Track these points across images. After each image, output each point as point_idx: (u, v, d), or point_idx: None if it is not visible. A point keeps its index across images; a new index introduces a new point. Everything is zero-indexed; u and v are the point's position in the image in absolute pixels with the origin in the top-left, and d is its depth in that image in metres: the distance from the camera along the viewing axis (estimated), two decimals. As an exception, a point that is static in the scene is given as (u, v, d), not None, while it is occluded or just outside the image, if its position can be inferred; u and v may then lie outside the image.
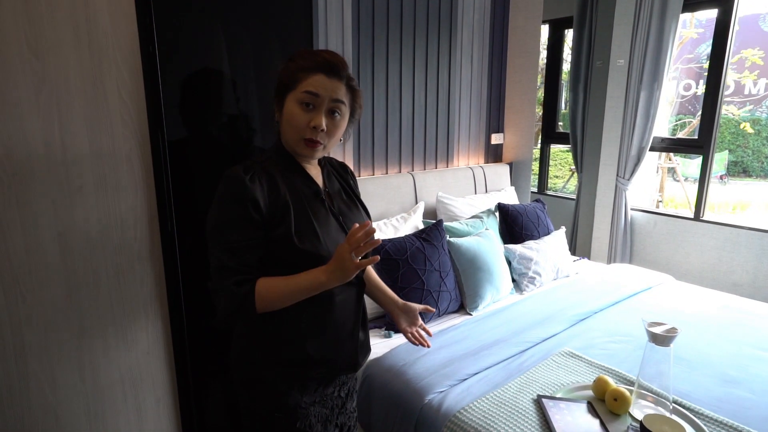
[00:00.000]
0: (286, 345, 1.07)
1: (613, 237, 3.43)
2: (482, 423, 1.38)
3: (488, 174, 3.07)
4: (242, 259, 0.97)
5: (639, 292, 2.31)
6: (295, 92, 1.00)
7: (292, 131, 1.01)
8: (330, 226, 1.07)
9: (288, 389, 1.08)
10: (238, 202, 0.97)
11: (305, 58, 1.01)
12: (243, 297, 0.97)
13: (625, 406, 1.40)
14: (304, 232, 1.02)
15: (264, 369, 1.08)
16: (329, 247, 1.04)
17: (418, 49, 2.70)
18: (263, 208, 0.98)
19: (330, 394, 1.16)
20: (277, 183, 1.02)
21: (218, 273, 0.98)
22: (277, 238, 1.00)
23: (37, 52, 1.16)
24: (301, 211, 1.03)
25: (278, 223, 1.00)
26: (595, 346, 1.81)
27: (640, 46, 3.10)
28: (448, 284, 2.05)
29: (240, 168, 0.99)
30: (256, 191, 0.98)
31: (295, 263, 1.01)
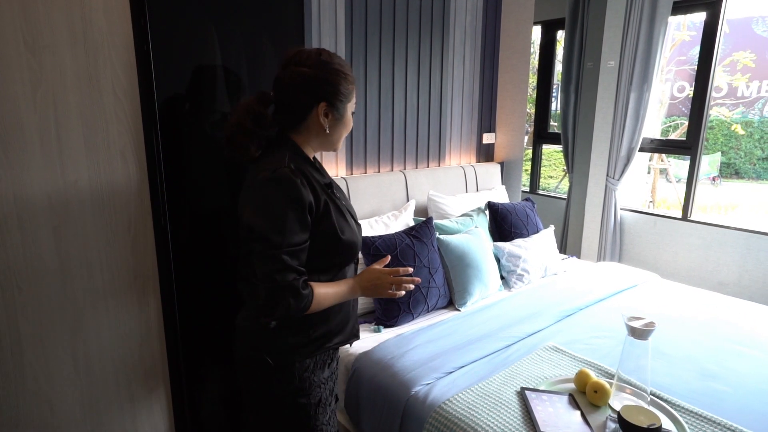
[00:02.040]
0: (317, 325, 1.16)
1: (602, 236, 3.48)
2: (466, 414, 1.42)
3: (479, 173, 3.11)
4: (301, 260, 1.06)
5: (624, 290, 2.36)
6: (350, 104, 1.15)
7: (345, 135, 1.18)
8: (348, 216, 1.19)
9: (314, 367, 1.18)
10: (298, 207, 1.03)
11: (345, 69, 1.12)
12: (308, 298, 1.06)
13: (605, 398, 1.45)
14: (342, 224, 1.13)
15: (294, 352, 1.15)
16: (357, 234, 1.20)
17: (411, 49, 2.74)
18: (314, 209, 1.07)
19: (334, 371, 1.28)
20: (312, 182, 1.09)
21: (284, 273, 1.02)
22: (326, 233, 1.10)
23: (33, 49, 1.19)
24: (333, 205, 1.13)
25: (323, 219, 1.09)
26: (579, 341, 1.86)
27: (630, 48, 3.15)
28: (437, 280, 2.09)
29: (290, 170, 1.04)
30: (309, 194, 1.05)
31: (335, 253, 1.14)
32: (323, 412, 1.22)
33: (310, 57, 1.09)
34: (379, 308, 2.01)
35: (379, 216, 2.51)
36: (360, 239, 1.23)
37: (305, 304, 1.06)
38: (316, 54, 1.10)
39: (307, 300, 1.06)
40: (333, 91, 1.09)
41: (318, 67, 1.09)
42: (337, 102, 1.11)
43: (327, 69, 1.09)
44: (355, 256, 1.24)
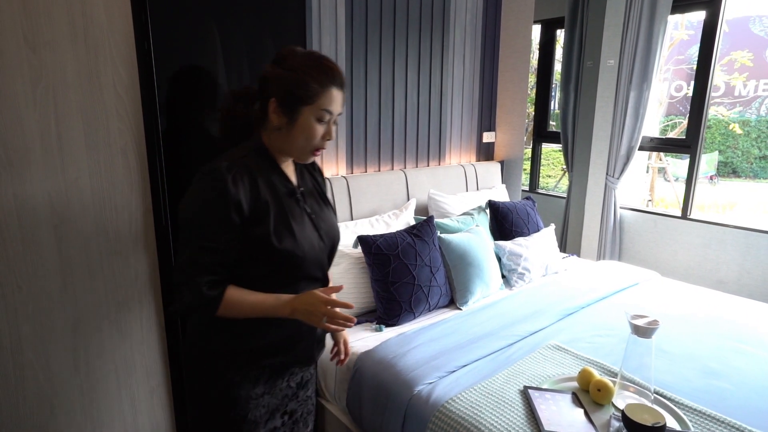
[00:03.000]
0: (247, 335, 1.07)
1: (602, 235, 3.48)
2: (469, 413, 1.42)
3: (480, 172, 3.11)
4: (218, 259, 0.99)
5: (625, 288, 2.36)
6: (313, 108, 1.02)
7: (305, 142, 1.05)
8: (305, 225, 1.09)
9: (241, 380, 1.09)
10: (220, 203, 0.97)
11: (319, 71, 1.02)
12: (210, 300, 0.99)
13: (608, 397, 1.44)
14: (282, 232, 1.03)
15: (220, 359, 1.08)
16: (304, 246, 1.07)
17: (411, 48, 2.73)
18: (245, 210, 0.99)
19: (280, 386, 1.17)
20: (257, 182, 1.03)
21: (190, 268, 0.98)
22: (256, 238, 1.01)
23: (34, 46, 1.18)
24: (279, 210, 1.05)
25: (258, 222, 1.01)
26: (581, 339, 1.86)
27: (629, 47, 3.15)
28: (438, 279, 2.09)
29: (223, 166, 0.99)
30: (240, 192, 0.98)
31: (272, 262, 1.04)
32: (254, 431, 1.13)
33: (283, 54, 1.05)
34: (381, 307, 2.00)
35: (379, 215, 2.50)
36: (316, 255, 1.11)
37: (206, 305, 0.99)
38: (291, 52, 1.04)
39: (210, 302, 0.99)
40: (286, 88, 1.01)
41: (282, 63, 1.03)
42: (290, 101, 1.01)
43: (288, 66, 1.02)
44: (307, 272, 1.11)
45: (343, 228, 2.32)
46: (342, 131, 2.53)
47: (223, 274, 1.01)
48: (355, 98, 2.55)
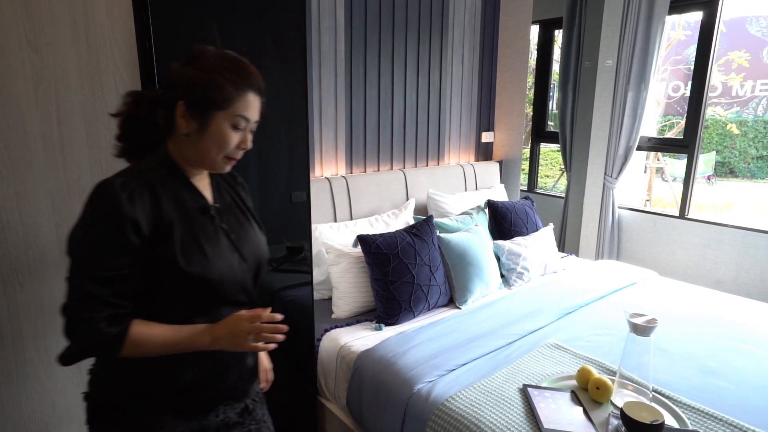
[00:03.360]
0: (160, 373, 0.93)
1: (600, 234, 3.49)
2: (469, 411, 1.42)
3: (478, 171, 3.12)
4: (114, 290, 0.85)
5: (624, 288, 2.37)
6: (227, 113, 0.90)
7: (217, 151, 0.93)
8: (220, 244, 0.96)
9: (160, 420, 0.95)
10: (114, 224, 0.83)
11: (235, 72, 0.91)
12: (111, 339, 0.85)
13: (607, 395, 1.45)
14: (191, 253, 0.90)
15: (129, 399, 0.94)
16: (220, 268, 0.94)
17: (410, 48, 2.74)
18: (144, 229, 0.86)
19: (213, 420, 1.01)
20: (159, 197, 0.90)
21: (82, 302, 0.84)
22: (160, 260, 0.88)
23: (36, 46, 1.18)
24: (187, 228, 0.92)
25: (160, 242, 0.88)
26: (580, 338, 1.87)
27: (627, 47, 3.16)
28: (437, 278, 2.10)
29: (117, 181, 0.85)
30: (137, 210, 0.85)
31: (180, 287, 0.91)
32: None
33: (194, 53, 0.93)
34: (380, 306, 2.01)
35: (379, 215, 2.51)
36: (236, 277, 0.97)
37: (106, 345, 0.85)
38: (203, 51, 0.93)
39: (111, 341, 0.85)
40: (197, 90, 0.90)
41: (193, 62, 0.92)
42: (201, 104, 0.90)
43: (200, 65, 0.91)
44: (227, 296, 0.97)
45: (343, 228, 2.33)
46: (341, 131, 2.54)
47: (125, 307, 0.87)
48: (354, 98, 2.56)
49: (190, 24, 1.44)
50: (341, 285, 2.09)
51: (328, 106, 2.45)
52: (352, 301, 2.09)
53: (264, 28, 1.61)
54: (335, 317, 2.10)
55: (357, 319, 2.06)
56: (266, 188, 1.70)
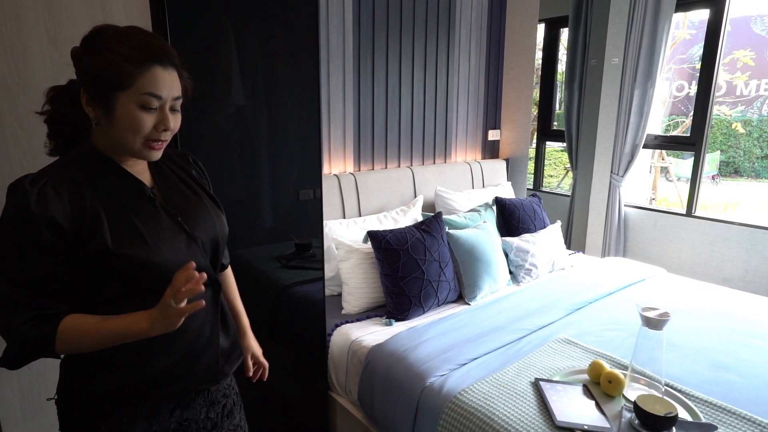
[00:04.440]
0: (125, 367, 0.89)
1: (607, 232, 3.50)
2: (482, 404, 1.43)
3: (485, 169, 3.13)
4: (36, 292, 0.81)
5: (632, 284, 2.38)
6: (130, 92, 0.82)
7: (132, 136, 0.85)
8: (162, 226, 0.90)
9: (132, 420, 0.90)
10: (25, 224, 0.79)
11: (126, 43, 0.83)
12: (37, 340, 0.80)
13: (620, 388, 1.46)
14: (124, 239, 0.85)
15: (97, 400, 0.89)
16: (164, 251, 0.88)
17: (417, 46, 2.75)
18: (64, 225, 0.81)
19: (193, 418, 0.98)
20: (81, 191, 0.84)
21: (4, 308, 0.80)
22: (92, 253, 0.83)
23: (56, 41, 1.20)
24: (119, 215, 0.86)
25: (89, 236, 0.83)
26: (590, 333, 1.87)
27: (634, 45, 3.17)
28: (447, 274, 2.10)
29: (27, 179, 0.81)
30: (51, 206, 0.80)
31: (125, 277, 0.86)
32: None
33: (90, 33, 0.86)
34: (390, 302, 2.02)
35: (387, 211, 2.52)
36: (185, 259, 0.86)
37: (35, 347, 0.81)
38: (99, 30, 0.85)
39: (38, 343, 0.81)
40: (93, 73, 0.83)
41: (87, 43, 0.85)
42: (99, 87, 0.83)
43: (94, 46, 0.84)
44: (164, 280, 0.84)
45: (352, 224, 2.34)
46: (349, 128, 2.55)
47: (51, 307, 0.82)
48: (362, 96, 2.58)
49: (205, 22, 1.46)
50: (351, 281, 2.10)
51: (337, 103, 2.47)
52: (362, 297, 2.10)
53: (277, 24, 1.62)
54: (345, 313, 2.11)
55: (367, 314, 2.07)
56: (278, 185, 1.71)
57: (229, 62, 1.53)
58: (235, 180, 1.60)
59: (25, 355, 0.83)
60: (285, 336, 1.84)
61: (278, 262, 1.79)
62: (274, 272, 1.78)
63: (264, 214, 1.72)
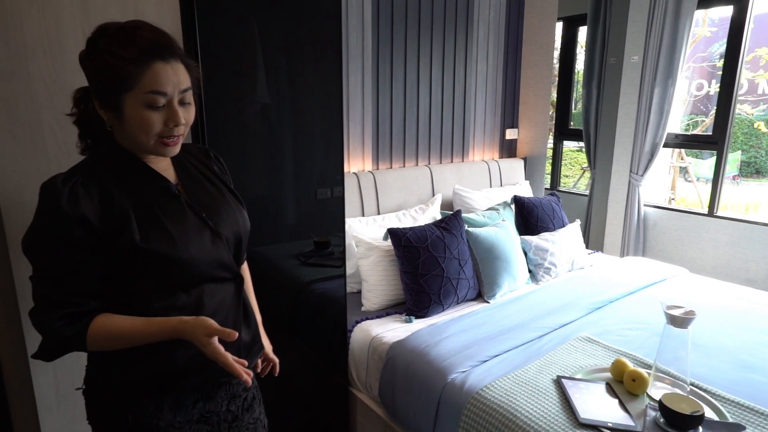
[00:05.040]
0: (150, 358, 0.90)
1: (626, 232, 3.46)
2: (504, 400, 1.44)
3: (503, 168, 3.13)
4: (68, 288, 0.83)
5: (654, 283, 2.36)
6: (135, 93, 0.82)
7: (144, 136, 0.86)
8: (187, 222, 0.92)
9: (157, 410, 0.93)
10: (57, 222, 0.81)
11: (124, 43, 0.82)
12: (69, 339, 0.84)
13: (643, 387, 1.45)
14: (151, 235, 0.87)
15: (123, 390, 0.92)
16: (189, 247, 0.90)
17: (436, 45, 2.76)
18: (95, 223, 0.83)
19: (215, 410, 1.00)
20: (109, 188, 0.86)
21: (39, 304, 0.84)
22: (121, 249, 0.85)
23: (90, 41, 1.23)
24: (146, 212, 0.88)
25: (118, 233, 0.85)
26: (611, 332, 1.86)
27: (654, 43, 3.14)
28: (466, 272, 2.11)
29: (59, 178, 0.83)
30: (82, 205, 0.82)
31: (148, 271, 0.88)
32: None
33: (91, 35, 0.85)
34: (410, 299, 2.03)
35: (406, 209, 2.53)
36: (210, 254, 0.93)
37: (67, 346, 0.85)
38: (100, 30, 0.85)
39: (70, 342, 0.84)
40: (96, 77, 0.84)
41: (89, 47, 0.85)
42: (105, 92, 0.84)
43: (94, 49, 0.84)
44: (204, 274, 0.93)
45: (371, 222, 2.35)
46: (368, 127, 2.56)
47: (83, 305, 0.85)
48: (381, 95, 2.59)
49: (233, 21, 1.48)
50: (371, 278, 2.12)
51: (355, 102, 2.49)
52: (382, 294, 2.11)
53: (301, 23, 1.64)
54: (365, 309, 2.12)
55: (387, 311, 2.09)
56: (300, 183, 1.73)
57: (254, 61, 1.56)
58: (258, 177, 1.63)
59: (58, 350, 0.86)
60: (306, 332, 1.86)
61: (298, 259, 1.81)
62: (294, 269, 1.80)
63: (286, 211, 1.75)
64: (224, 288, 0.97)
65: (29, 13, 1.14)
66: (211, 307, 0.94)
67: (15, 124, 1.17)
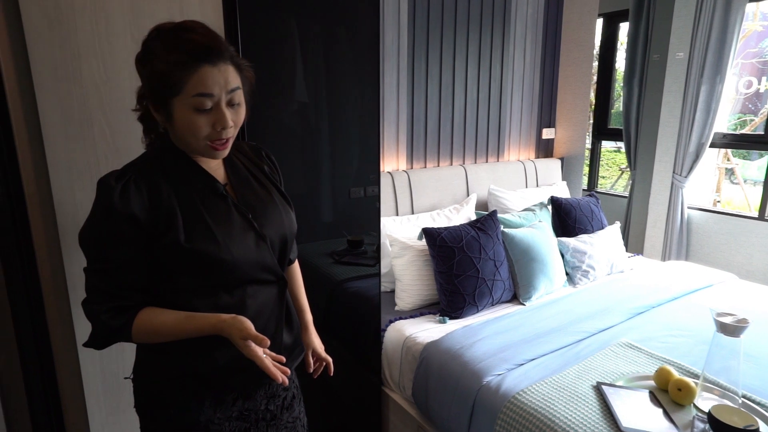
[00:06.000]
0: (192, 356, 0.92)
1: (668, 235, 3.33)
2: (542, 405, 1.40)
3: (539, 168, 3.06)
4: (117, 282, 0.86)
5: (700, 289, 2.26)
6: (182, 97, 0.83)
7: (193, 139, 0.87)
8: (233, 223, 0.92)
9: (198, 405, 0.95)
10: (110, 217, 0.83)
11: (172, 47, 0.82)
12: (115, 331, 0.87)
13: (690, 397, 1.39)
14: (196, 235, 0.88)
15: (168, 384, 0.94)
16: (232, 249, 0.90)
17: (472, 42, 2.73)
18: (143, 220, 0.85)
19: (253, 408, 1.01)
20: (159, 186, 0.88)
21: (89, 295, 0.87)
22: (166, 247, 0.87)
23: (138, 42, 1.25)
24: (192, 211, 0.89)
25: (164, 231, 0.87)
26: (654, 338, 1.79)
27: (701, 38, 3.00)
28: (502, 273, 2.07)
29: (113, 175, 0.86)
30: (132, 202, 0.84)
31: (190, 270, 0.89)
32: None
33: (145, 38, 0.87)
34: (444, 299, 2.01)
35: (440, 209, 2.51)
36: (253, 256, 0.94)
37: (113, 336, 0.88)
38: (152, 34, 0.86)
39: (116, 333, 0.87)
40: (147, 83, 0.86)
41: (142, 50, 0.87)
42: (156, 95, 0.85)
43: (145, 53, 0.85)
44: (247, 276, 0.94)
45: (405, 221, 2.34)
46: (403, 126, 2.56)
47: (130, 298, 0.88)
48: (416, 94, 2.58)
49: (273, 21, 1.50)
50: (404, 277, 2.11)
51: (390, 101, 2.48)
52: (416, 294, 2.10)
53: (339, 23, 1.65)
54: (398, 309, 2.12)
55: (420, 311, 2.08)
56: (336, 182, 1.74)
57: (293, 60, 1.58)
58: (295, 175, 1.65)
59: (106, 339, 0.89)
60: (339, 330, 1.87)
61: (331, 257, 1.82)
62: (328, 267, 1.81)
63: (321, 209, 1.76)
64: (267, 290, 0.98)
65: (82, 16, 1.18)
66: (254, 308, 0.95)
67: (68, 123, 1.22)
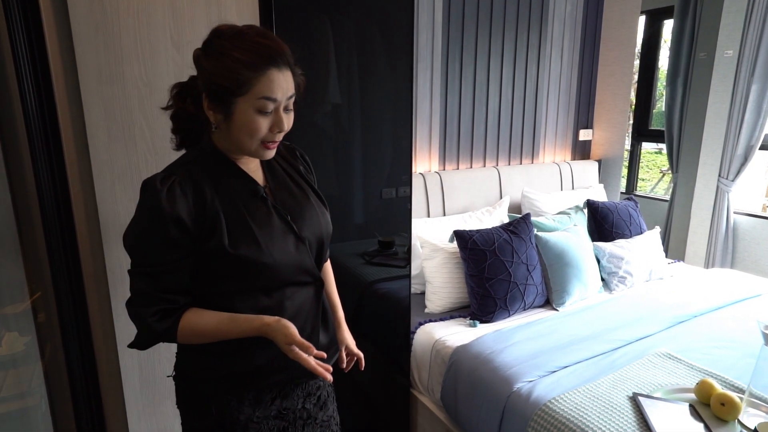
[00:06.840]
0: (232, 356, 0.94)
1: (711, 241, 3.19)
2: (575, 414, 1.37)
3: (575, 170, 2.98)
4: (162, 285, 0.88)
5: (746, 299, 2.15)
6: (248, 98, 0.84)
7: (249, 139, 0.88)
8: (273, 228, 0.94)
9: (239, 404, 0.96)
10: (156, 220, 0.84)
11: (243, 48, 0.84)
12: (161, 334, 0.89)
13: (734, 413, 1.33)
14: (239, 239, 0.89)
15: (209, 383, 0.96)
16: (273, 252, 0.91)
17: (507, 41, 2.68)
18: (189, 224, 0.86)
19: (291, 408, 1.02)
20: (203, 190, 0.89)
21: (136, 298, 0.89)
22: (210, 251, 0.88)
23: (178, 45, 1.31)
24: (236, 216, 0.90)
25: (209, 235, 0.88)
26: (695, 349, 1.72)
27: (753, 36, 2.86)
28: (534, 278, 2.03)
29: (158, 178, 0.86)
30: (178, 206, 0.85)
31: (232, 273, 0.91)
32: None
33: (210, 36, 0.88)
34: (475, 303, 1.98)
35: (472, 211, 2.49)
36: (293, 260, 0.95)
37: (158, 339, 0.90)
38: (218, 33, 0.87)
39: (161, 336, 0.89)
40: (213, 80, 0.85)
41: (207, 48, 0.87)
42: (219, 94, 0.85)
43: (213, 51, 0.85)
44: (287, 278, 0.95)
45: (437, 223, 2.33)
46: (435, 127, 2.54)
47: (175, 301, 0.89)
48: (449, 94, 2.56)
49: (308, 22, 1.52)
50: (435, 280, 2.10)
51: (423, 101, 2.47)
52: (446, 296, 2.08)
53: (373, 23, 1.65)
54: (428, 311, 2.11)
55: (450, 314, 2.06)
56: (368, 183, 1.74)
57: (327, 60, 1.59)
58: (328, 176, 1.66)
59: (151, 341, 0.91)
60: (368, 331, 1.87)
61: (362, 258, 1.83)
62: (358, 268, 1.82)
63: (353, 209, 1.76)
64: (305, 291, 0.99)
65: (126, 19, 1.23)
66: (292, 310, 0.96)
67: (111, 123, 1.27)
